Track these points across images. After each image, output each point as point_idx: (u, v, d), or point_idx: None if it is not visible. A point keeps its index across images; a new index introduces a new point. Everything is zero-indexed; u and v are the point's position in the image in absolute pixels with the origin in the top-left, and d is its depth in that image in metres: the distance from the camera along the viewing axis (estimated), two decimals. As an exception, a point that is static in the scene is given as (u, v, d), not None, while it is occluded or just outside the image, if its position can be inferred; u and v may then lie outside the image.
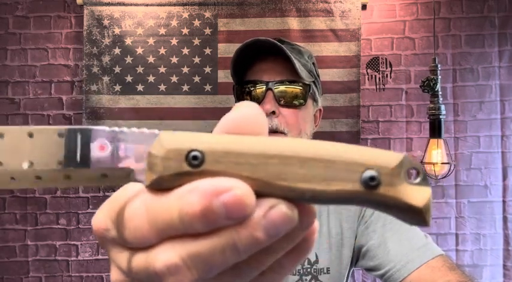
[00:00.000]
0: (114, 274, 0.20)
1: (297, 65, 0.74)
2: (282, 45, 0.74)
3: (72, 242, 1.92)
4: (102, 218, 0.19)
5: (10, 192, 1.92)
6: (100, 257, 1.92)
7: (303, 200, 0.16)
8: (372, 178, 0.16)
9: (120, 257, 0.18)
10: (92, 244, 1.92)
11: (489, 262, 1.95)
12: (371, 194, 0.16)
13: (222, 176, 0.16)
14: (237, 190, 0.15)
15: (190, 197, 0.16)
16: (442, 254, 0.70)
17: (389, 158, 0.17)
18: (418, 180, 0.17)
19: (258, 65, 0.78)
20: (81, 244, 1.92)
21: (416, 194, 0.16)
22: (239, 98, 0.80)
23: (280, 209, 0.16)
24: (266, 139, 0.17)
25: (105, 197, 1.68)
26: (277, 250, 0.17)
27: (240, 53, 0.76)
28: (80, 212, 1.92)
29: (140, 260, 0.17)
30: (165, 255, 0.16)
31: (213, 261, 0.16)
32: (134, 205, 0.17)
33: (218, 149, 0.16)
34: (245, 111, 0.18)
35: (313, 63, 0.83)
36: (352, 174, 0.16)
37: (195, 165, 0.16)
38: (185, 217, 0.16)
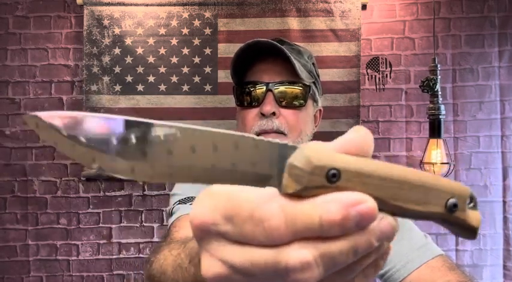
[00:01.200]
0: (213, 266, 0.21)
1: (297, 65, 0.74)
2: (282, 46, 0.74)
3: (73, 242, 1.92)
4: (207, 213, 0.20)
5: (11, 192, 1.92)
6: (100, 256, 1.92)
7: (399, 215, 0.20)
8: (455, 205, 0.21)
9: (228, 250, 0.20)
10: (92, 244, 1.93)
11: (489, 262, 1.95)
12: (450, 216, 0.21)
13: (352, 191, 0.19)
14: (370, 202, 0.19)
15: (332, 206, 0.19)
16: (441, 254, 0.69)
17: (463, 189, 0.22)
18: (473, 205, 0.22)
19: (258, 66, 0.78)
20: (81, 244, 1.92)
21: (473, 217, 0.22)
22: (239, 99, 0.79)
23: (389, 220, 0.20)
24: (385, 164, 0.20)
25: (105, 197, 1.67)
26: (371, 256, 0.21)
27: (241, 54, 0.76)
28: (80, 211, 1.93)
29: (268, 255, 0.19)
30: (300, 253, 0.19)
31: (337, 261, 0.19)
32: (270, 208, 0.19)
33: (351, 169, 0.19)
34: (364, 135, 0.21)
35: (313, 64, 0.83)
36: (441, 200, 0.21)
37: (332, 181, 0.19)
38: (325, 222, 0.18)
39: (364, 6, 1.92)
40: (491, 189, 1.96)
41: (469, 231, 0.22)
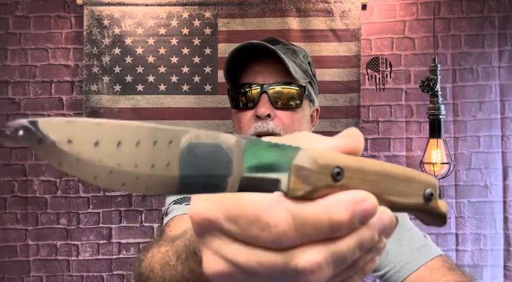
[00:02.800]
0: (215, 264, 0.21)
1: (291, 66, 0.73)
2: (275, 48, 0.73)
3: (73, 242, 1.92)
4: (208, 210, 0.20)
5: (11, 192, 1.92)
6: (100, 256, 1.92)
7: (391, 209, 0.21)
8: (431, 194, 0.23)
9: (232, 249, 0.20)
10: (92, 244, 1.93)
11: (489, 262, 1.95)
12: (427, 205, 0.23)
13: (353, 189, 0.20)
14: (372, 199, 0.19)
15: (339, 207, 0.19)
16: (441, 254, 0.69)
17: (433, 180, 0.23)
18: (439, 194, 0.24)
19: (252, 67, 0.77)
20: (81, 244, 1.92)
21: (442, 205, 0.24)
22: (234, 101, 0.79)
23: (389, 214, 0.20)
24: (375, 161, 0.21)
25: (105, 197, 1.67)
26: (371, 251, 0.21)
27: (233, 57, 0.75)
28: (80, 211, 1.93)
29: (276, 258, 0.19)
30: (310, 255, 0.19)
31: (346, 258, 0.20)
32: (277, 212, 0.19)
33: (353, 167, 0.20)
34: (357, 137, 0.22)
35: (309, 63, 0.82)
36: (420, 191, 0.22)
37: (337, 180, 0.19)
38: (335, 223, 0.19)
39: (364, 6, 1.92)
40: (492, 189, 1.96)
41: (440, 218, 0.24)
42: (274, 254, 0.19)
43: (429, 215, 0.24)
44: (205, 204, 0.21)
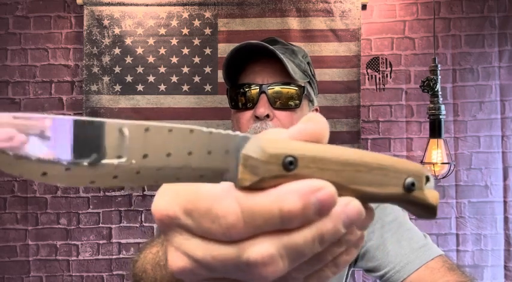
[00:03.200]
0: (178, 260, 0.20)
1: (290, 67, 0.73)
2: (274, 48, 0.73)
3: (73, 242, 1.92)
4: (168, 206, 0.20)
5: (11, 192, 1.92)
6: (100, 256, 1.92)
7: (362, 200, 0.20)
8: (412, 184, 0.21)
9: (191, 244, 0.20)
10: (92, 244, 1.93)
11: (490, 263, 1.95)
12: (409, 196, 0.21)
13: (309, 178, 0.19)
14: (329, 188, 0.18)
15: (291, 197, 0.18)
16: (441, 254, 0.69)
17: (419, 168, 0.21)
18: (431, 185, 0.22)
19: (251, 67, 0.77)
20: (81, 244, 1.92)
21: (431, 196, 0.22)
22: (233, 101, 0.78)
23: (355, 205, 0.19)
24: (341, 149, 0.20)
25: (105, 197, 1.67)
26: (341, 244, 0.20)
27: (232, 57, 0.75)
28: (80, 211, 1.92)
29: (228, 251, 0.19)
30: (261, 248, 0.18)
31: (303, 252, 0.19)
32: (225, 203, 0.18)
33: (308, 155, 0.19)
34: (319, 122, 0.20)
35: (308, 63, 0.82)
36: (399, 180, 0.21)
37: (290, 169, 0.18)
38: (286, 214, 0.18)
39: (364, 6, 1.92)
40: (492, 189, 1.96)
41: (429, 210, 0.22)
42: (226, 247, 0.19)
43: (414, 205, 0.22)
44: (166, 200, 0.20)
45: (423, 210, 0.22)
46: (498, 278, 1.94)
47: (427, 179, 0.22)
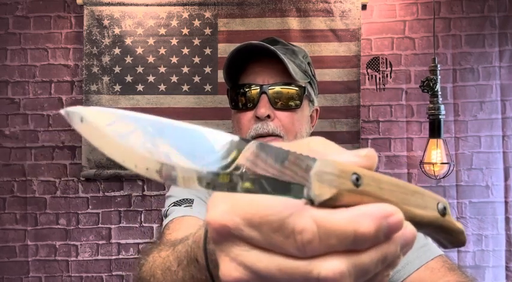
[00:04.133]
0: (233, 271, 0.21)
1: (291, 67, 0.72)
2: (275, 48, 0.72)
3: (72, 242, 1.91)
4: (227, 216, 0.20)
5: (10, 192, 1.92)
6: (100, 257, 1.92)
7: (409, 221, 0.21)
8: (445, 208, 0.22)
9: (249, 255, 0.20)
10: (91, 244, 1.92)
11: (491, 263, 1.94)
12: (443, 220, 0.22)
13: (373, 196, 0.20)
14: (399, 214, 0.19)
15: (366, 220, 0.19)
16: (441, 255, 0.68)
17: (441, 197, 0.23)
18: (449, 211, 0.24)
19: (251, 68, 0.76)
20: (80, 244, 1.92)
21: (455, 221, 0.23)
22: (233, 101, 0.78)
23: (411, 229, 0.20)
24: (386, 176, 0.21)
25: (105, 197, 1.67)
26: (395, 264, 0.21)
27: (233, 57, 0.75)
28: (79, 212, 1.92)
29: (298, 265, 0.19)
30: (333, 265, 0.19)
31: (368, 271, 0.20)
32: (303, 220, 0.19)
33: (367, 175, 0.20)
34: (373, 157, 0.22)
35: (309, 63, 0.81)
36: (433, 204, 0.22)
37: (358, 185, 0.20)
38: (360, 236, 0.19)
39: (364, 6, 1.92)
40: (493, 189, 1.95)
41: (459, 235, 0.24)
42: (297, 261, 0.19)
43: (448, 231, 0.23)
44: (224, 210, 0.21)
45: (454, 237, 0.24)
46: (499, 279, 1.93)
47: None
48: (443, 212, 0.22)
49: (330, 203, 0.19)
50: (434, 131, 1.58)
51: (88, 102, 1.87)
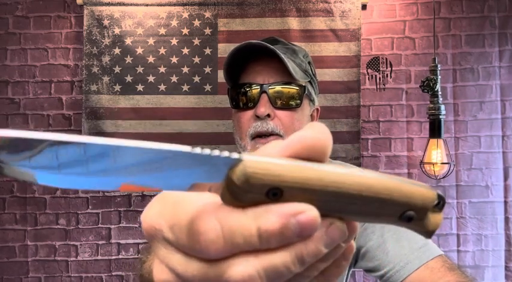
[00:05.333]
0: (162, 273, 0.20)
1: (291, 66, 0.73)
2: (275, 48, 0.72)
3: (72, 243, 1.91)
4: (155, 217, 0.20)
5: (10, 192, 1.92)
6: (99, 257, 1.91)
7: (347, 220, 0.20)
8: (410, 217, 0.20)
9: (174, 258, 0.20)
10: (91, 244, 1.92)
11: (491, 263, 1.94)
12: (403, 224, 0.21)
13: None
14: (311, 211, 0.18)
15: (269, 217, 0.18)
16: (441, 254, 0.69)
17: (426, 196, 0.20)
18: (439, 207, 0.21)
19: (251, 67, 0.77)
20: (80, 244, 1.91)
21: (432, 222, 0.21)
22: (234, 101, 0.78)
23: (337, 226, 0.19)
24: (336, 176, 0.18)
25: (105, 197, 1.67)
26: (327, 259, 0.20)
27: (233, 56, 0.75)
28: (79, 212, 1.92)
29: (209, 270, 0.18)
30: (242, 268, 0.18)
31: (282, 272, 0.18)
32: (208, 220, 0.18)
33: (295, 187, 0.18)
34: (318, 133, 0.19)
35: (309, 62, 0.81)
36: (396, 212, 0.20)
37: (274, 199, 0.18)
38: (264, 234, 0.17)
39: (364, 6, 1.92)
40: (493, 189, 1.95)
41: (423, 234, 0.22)
42: (207, 265, 0.18)
43: (409, 228, 0.21)
44: (154, 211, 0.21)
45: (418, 232, 0.22)
46: (499, 279, 1.93)
47: (440, 200, 0.21)
48: (408, 220, 0.20)
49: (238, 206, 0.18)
50: (435, 131, 1.58)
51: (88, 102, 1.87)
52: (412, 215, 0.20)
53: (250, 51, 0.75)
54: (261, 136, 0.74)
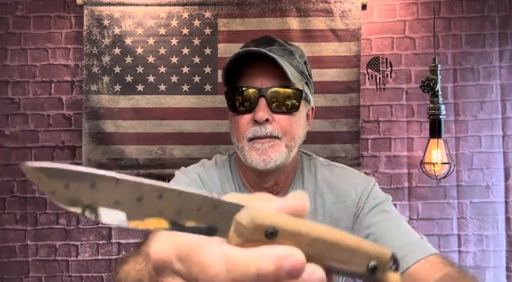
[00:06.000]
0: None
1: (290, 72, 0.72)
2: (272, 49, 0.72)
3: (72, 242, 1.91)
4: (164, 250, 0.23)
5: (10, 192, 1.92)
6: (100, 257, 1.91)
7: (326, 270, 0.23)
8: (375, 267, 0.24)
9: None
10: (91, 244, 1.92)
11: (492, 264, 1.93)
12: (371, 276, 0.24)
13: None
14: (299, 255, 0.21)
15: (266, 259, 0.21)
16: (437, 253, 0.70)
17: (384, 253, 0.25)
18: (395, 267, 0.25)
19: (249, 71, 0.76)
20: (80, 244, 1.92)
21: (391, 279, 0.25)
22: (232, 104, 0.78)
23: (319, 273, 0.22)
24: (320, 228, 0.23)
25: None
26: None
27: (233, 61, 0.74)
28: (79, 212, 1.92)
29: None
30: None
31: None
32: (213, 254, 0.21)
33: (288, 230, 0.22)
34: (301, 200, 0.24)
35: (305, 62, 0.81)
36: (364, 262, 0.24)
37: (270, 238, 0.22)
38: (261, 272, 0.20)
39: (364, 6, 1.92)
40: (493, 189, 1.95)
41: None
42: None
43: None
44: (163, 245, 0.23)
45: None
46: (500, 279, 1.93)
47: (394, 262, 0.25)
48: (372, 270, 0.24)
49: (243, 246, 0.22)
50: (435, 131, 1.58)
51: (88, 102, 1.87)
52: (376, 266, 0.24)
53: (248, 55, 0.75)
54: (259, 139, 0.74)
